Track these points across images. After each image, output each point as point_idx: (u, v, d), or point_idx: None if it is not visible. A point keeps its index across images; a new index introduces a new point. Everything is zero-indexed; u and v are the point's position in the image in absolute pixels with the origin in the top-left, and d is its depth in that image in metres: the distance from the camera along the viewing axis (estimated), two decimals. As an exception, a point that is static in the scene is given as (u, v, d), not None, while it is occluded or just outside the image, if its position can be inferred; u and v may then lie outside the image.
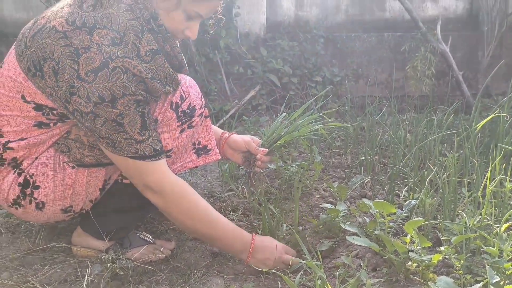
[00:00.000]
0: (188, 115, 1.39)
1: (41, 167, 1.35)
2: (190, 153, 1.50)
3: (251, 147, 1.64)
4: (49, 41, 1.23)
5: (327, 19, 4.01)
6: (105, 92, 1.20)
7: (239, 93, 3.50)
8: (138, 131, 1.25)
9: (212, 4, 1.38)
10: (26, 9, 3.80)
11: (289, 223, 1.67)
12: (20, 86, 1.30)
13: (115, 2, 1.27)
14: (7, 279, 1.37)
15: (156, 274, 1.39)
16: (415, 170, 1.87)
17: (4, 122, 1.33)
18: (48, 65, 1.23)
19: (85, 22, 1.23)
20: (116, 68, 1.20)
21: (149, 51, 1.27)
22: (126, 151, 1.26)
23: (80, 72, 1.20)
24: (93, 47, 1.21)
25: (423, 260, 1.20)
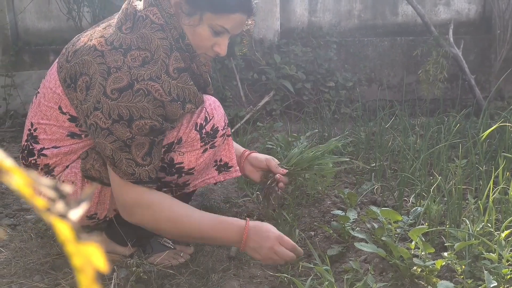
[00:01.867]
0: (211, 136, 1.46)
1: (71, 176, 1.45)
2: (212, 169, 1.56)
3: (271, 165, 1.66)
4: (87, 58, 1.33)
5: (340, 24, 4.08)
6: (124, 111, 1.29)
7: (254, 99, 3.59)
8: (142, 155, 1.33)
9: (234, 18, 1.39)
10: (48, 18, 3.93)
11: (301, 229, 1.76)
12: (58, 98, 1.41)
13: (148, 22, 1.35)
14: (39, 281, 1.48)
15: (176, 278, 1.49)
16: (424, 176, 1.94)
17: (41, 130, 1.45)
18: (82, 80, 1.33)
19: (122, 44, 1.33)
20: (139, 90, 1.29)
21: (176, 69, 1.35)
22: (124, 172, 1.33)
23: (106, 89, 1.30)
24: (124, 68, 1.30)
25: (427, 265, 1.27)
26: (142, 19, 1.36)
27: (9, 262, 1.58)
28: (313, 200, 2.01)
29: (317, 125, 3.01)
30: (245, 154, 1.72)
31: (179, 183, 1.48)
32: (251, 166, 1.70)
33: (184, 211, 1.38)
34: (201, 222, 1.37)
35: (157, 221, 1.37)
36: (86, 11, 3.49)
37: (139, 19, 1.36)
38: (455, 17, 4.07)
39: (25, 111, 3.52)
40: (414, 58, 3.89)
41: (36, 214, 1.94)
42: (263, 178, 1.67)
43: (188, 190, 1.53)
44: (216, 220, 1.39)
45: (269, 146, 2.50)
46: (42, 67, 3.78)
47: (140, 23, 1.36)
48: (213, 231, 1.37)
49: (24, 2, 3.77)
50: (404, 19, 4.12)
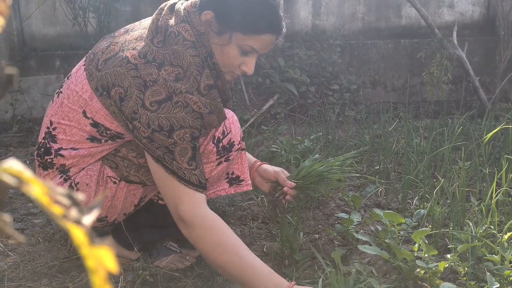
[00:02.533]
0: (227, 150, 1.47)
1: (86, 178, 1.47)
2: (223, 181, 1.57)
3: (280, 178, 1.64)
4: (120, 70, 1.35)
5: (344, 27, 4.09)
6: (165, 122, 1.31)
7: (258, 102, 3.61)
8: (187, 160, 1.34)
9: (263, 38, 1.38)
10: (53, 24, 3.97)
11: (306, 231, 1.77)
12: (84, 103, 1.42)
13: (180, 39, 1.36)
14: (47, 285, 1.50)
15: (182, 280, 1.50)
16: (428, 179, 1.95)
17: (60, 130, 1.46)
18: (115, 91, 1.35)
19: (155, 58, 1.34)
20: (178, 102, 1.31)
21: (206, 85, 1.36)
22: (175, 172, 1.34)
23: (145, 101, 1.31)
24: (160, 81, 1.31)
25: (430, 267, 1.28)
26: (174, 35, 1.37)
27: (17, 266, 1.61)
28: (317, 203, 2.02)
29: (321, 128, 3.02)
30: (255, 165, 1.72)
31: None
32: (260, 178, 1.70)
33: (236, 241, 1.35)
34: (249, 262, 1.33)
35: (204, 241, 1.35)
36: (92, 17, 3.53)
37: (171, 34, 1.37)
38: (459, 19, 4.08)
39: (32, 116, 3.55)
40: (418, 60, 3.89)
41: (43, 218, 1.97)
42: (272, 190, 1.67)
43: None
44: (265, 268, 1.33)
45: (273, 149, 2.52)
46: (48, 72, 3.82)
47: (172, 39, 1.37)
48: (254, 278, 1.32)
49: (30, 9, 3.81)
50: (408, 22, 4.13)
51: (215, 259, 1.35)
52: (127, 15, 3.59)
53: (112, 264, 0.24)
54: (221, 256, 1.33)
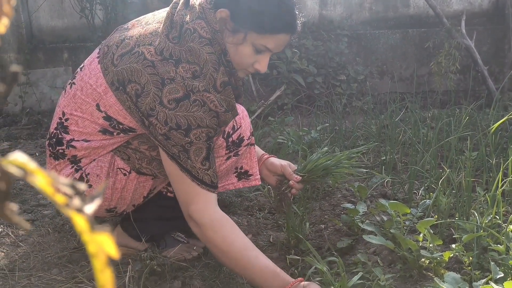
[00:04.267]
0: (237, 144, 1.48)
1: (96, 169, 1.49)
2: (232, 176, 1.58)
3: (286, 172, 1.64)
4: (137, 66, 1.35)
5: (351, 17, 4.07)
6: (182, 120, 1.32)
7: (265, 94, 3.61)
8: (201, 160, 1.35)
9: (278, 38, 1.37)
10: (61, 17, 3.99)
11: (312, 222, 1.78)
12: (98, 96, 1.43)
13: (196, 36, 1.36)
14: (57, 274, 1.53)
15: (189, 270, 1.52)
16: (434, 169, 1.95)
17: (73, 121, 1.48)
18: (131, 87, 1.35)
19: (172, 54, 1.35)
20: (196, 101, 1.32)
21: (222, 82, 1.36)
22: (189, 171, 1.35)
23: (163, 99, 1.32)
24: (178, 79, 1.32)
25: (435, 257, 1.29)
26: (190, 32, 1.37)
27: (28, 256, 1.63)
28: (324, 194, 2.03)
29: (328, 118, 3.02)
30: (263, 158, 1.73)
31: None
32: (267, 171, 1.70)
33: (243, 240, 1.37)
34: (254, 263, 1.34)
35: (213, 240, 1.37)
36: (99, 9, 3.54)
37: (187, 31, 1.37)
38: (468, 8, 4.04)
39: (41, 108, 3.58)
40: (426, 50, 3.87)
41: (53, 210, 2.00)
42: (278, 183, 1.68)
43: None
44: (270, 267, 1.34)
45: (280, 140, 2.53)
46: (57, 64, 3.85)
47: (188, 35, 1.37)
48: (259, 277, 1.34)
49: (38, 1, 3.83)
50: (416, 11, 4.10)
51: (222, 259, 1.38)
52: (134, 7, 3.59)
53: (112, 249, 0.25)
54: (228, 257, 1.36)
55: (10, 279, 1.50)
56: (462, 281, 1.13)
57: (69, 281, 1.48)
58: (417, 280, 1.32)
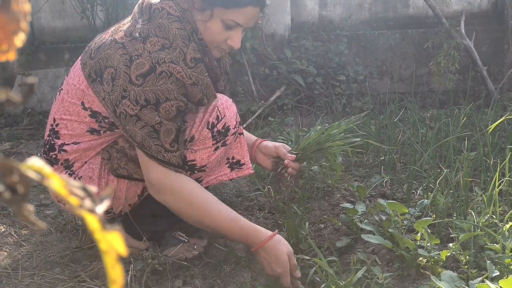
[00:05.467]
0: (223, 134, 1.50)
1: (88, 171, 1.52)
2: (224, 167, 1.60)
3: (280, 152, 1.67)
4: (110, 52, 1.39)
5: (351, 18, 4.09)
6: (150, 95, 1.35)
7: (265, 94, 3.63)
8: (170, 141, 1.38)
9: (246, 11, 1.40)
10: (62, 17, 4.01)
11: (311, 221, 1.80)
12: (81, 94, 1.47)
13: (165, 13, 1.40)
14: (60, 273, 1.55)
15: (190, 269, 1.54)
16: (433, 169, 1.97)
17: (63, 125, 1.51)
18: (107, 72, 1.39)
19: (140, 33, 1.39)
20: (162, 73, 1.34)
21: (193, 58, 1.39)
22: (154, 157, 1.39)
23: (131, 76, 1.35)
24: (145, 54, 1.35)
25: (432, 256, 1.31)
26: (158, 10, 1.40)
27: (31, 256, 1.65)
28: (323, 193, 2.05)
29: (328, 118, 3.04)
30: (256, 142, 1.74)
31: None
32: (262, 154, 1.72)
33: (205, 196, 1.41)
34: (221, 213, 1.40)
35: (179, 205, 1.42)
36: (100, 10, 3.56)
37: (155, 11, 1.41)
38: (467, 8, 4.06)
39: (42, 109, 3.60)
40: (426, 50, 3.89)
41: (55, 210, 2.02)
42: (274, 165, 1.69)
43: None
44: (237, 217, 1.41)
45: (280, 140, 2.54)
46: (58, 65, 3.87)
47: (156, 14, 1.40)
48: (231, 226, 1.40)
49: (39, 2, 3.85)
50: (415, 11, 4.12)
51: (188, 217, 1.43)
52: (134, 8, 3.61)
53: (121, 246, 0.27)
54: (193, 214, 1.40)
55: (13, 278, 1.52)
56: (459, 280, 1.15)
57: (71, 280, 1.50)
58: (415, 279, 1.34)
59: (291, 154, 1.66)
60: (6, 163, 0.24)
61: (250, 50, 3.61)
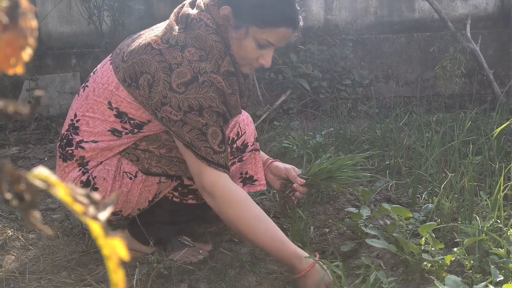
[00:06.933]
0: (241, 150, 1.53)
1: (103, 172, 1.52)
2: (237, 181, 1.61)
3: (290, 175, 1.68)
4: (145, 57, 1.40)
5: (356, 22, 4.09)
6: (194, 102, 1.36)
7: (271, 98, 3.64)
8: (218, 143, 1.40)
9: (279, 32, 1.42)
10: (69, 23, 4.05)
11: (316, 226, 1.81)
12: (109, 94, 1.48)
13: (202, 25, 1.42)
14: (66, 277, 1.56)
15: (196, 273, 1.55)
16: (438, 173, 1.97)
17: (84, 122, 1.52)
18: (144, 78, 1.40)
19: (177, 41, 1.40)
20: (204, 82, 1.37)
21: (227, 71, 1.42)
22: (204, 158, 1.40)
23: (172, 84, 1.37)
24: (184, 63, 1.37)
25: (436, 261, 1.31)
26: (196, 21, 1.43)
27: (37, 259, 1.67)
28: (328, 198, 2.05)
29: (333, 123, 3.05)
30: (267, 162, 1.76)
31: None
32: (272, 174, 1.74)
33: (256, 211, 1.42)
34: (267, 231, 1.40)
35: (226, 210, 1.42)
36: (106, 15, 3.59)
37: (193, 21, 1.43)
38: (473, 12, 4.05)
39: (49, 113, 3.63)
40: (431, 54, 3.89)
41: (62, 214, 2.03)
42: (282, 187, 1.71)
43: None
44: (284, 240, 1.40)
45: (285, 144, 2.55)
46: (65, 70, 3.90)
47: (194, 24, 1.43)
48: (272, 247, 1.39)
49: (46, 8, 3.88)
50: (421, 15, 4.12)
51: (237, 228, 1.43)
52: (141, 13, 3.64)
53: (123, 252, 0.28)
54: (242, 226, 1.40)
55: (20, 282, 1.53)
56: (463, 284, 1.15)
57: (78, 283, 1.52)
58: (419, 283, 1.34)
59: (300, 178, 1.67)
60: (14, 172, 0.25)
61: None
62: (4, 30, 0.26)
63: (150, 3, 3.87)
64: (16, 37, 0.25)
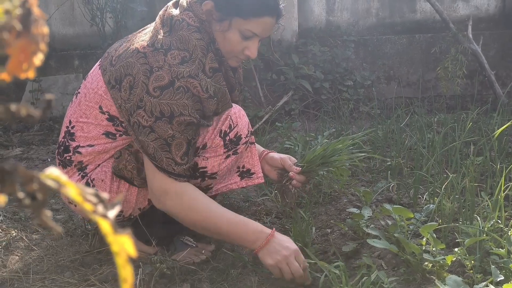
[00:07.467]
0: (234, 143, 1.54)
1: (101, 174, 1.54)
2: (234, 175, 1.63)
3: (286, 164, 1.68)
4: (131, 60, 1.43)
5: (358, 23, 4.10)
6: (166, 108, 1.38)
7: (273, 99, 3.66)
8: (180, 155, 1.42)
9: (262, 21, 1.43)
10: (72, 24, 4.07)
11: (318, 226, 1.81)
12: (99, 98, 1.50)
13: (185, 25, 1.44)
14: (70, 277, 1.57)
15: (198, 273, 1.56)
16: (440, 174, 1.98)
17: (79, 127, 1.55)
18: (127, 80, 1.42)
19: (162, 45, 1.42)
20: (180, 88, 1.38)
21: (211, 68, 1.43)
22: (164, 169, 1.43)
23: (149, 87, 1.38)
24: (165, 67, 1.39)
25: (437, 261, 1.32)
26: (179, 22, 1.44)
27: (41, 260, 1.68)
28: (329, 198, 2.06)
29: (335, 123, 3.06)
30: (263, 154, 1.77)
31: (202, 186, 1.56)
32: (268, 166, 1.74)
33: (207, 202, 1.44)
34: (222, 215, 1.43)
35: (181, 210, 1.45)
36: (109, 17, 3.60)
37: (176, 22, 1.45)
38: (474, 13, 4.06)
39: (52, 115, 3.65)
40: (433, 55, 3.89)
41: (65, 214, 2.05)
42: (279, 177, 1.71)
43: (211, 193, 1.60)
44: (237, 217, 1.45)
45: (287, 145, 2.56)
46: (68, 71, 3.92)
47: (177, 26, 1.44)
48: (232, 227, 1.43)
49: (49, 9, 3.90)
50: (423, 16, 4.13)
51: (191, 221, 1.45)
52: (143, 15, 3.66)
53: (131, 248, 0.30)
54: (195, 217, 1.43)
55: (24, 282, 1.54)
56: (464, 284, 1.16)
57: (81, 283, 1.53)
58: (420, 283, 1.35)
59: (296, 166, 1.68)
60: (26, 172, 0.26)
61: (258, 56, 3.64)
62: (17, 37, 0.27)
63: (153, 4, 3.89)
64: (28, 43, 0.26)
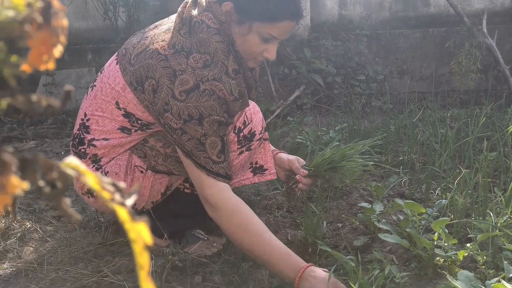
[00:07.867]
0: (248, 139, 1.54)
1: (115, 167, 1.56)
2: (247, 171, 1.63)
3: (293, 166, 1.68)
4: (151, 62, 1.42)
5: (371, 17, 4.07)
6: (194, 110, 1.37)
7: (284, 93, 3.65)
8: (216, 153, 1.41)
9: (282, 25, 1.41)
10: (85, 18, 4.09)
11: (329, 220, 1.82)
12: (116, 94, 1.50)
13: (204, 27, 1.42)
14: (83, 269, 1.60)
15: (209, 266, 1.57)
16: (452, 169, 1.96)
17: (94, 121, 1.55)
18: (149, 83, 1.42)
19: (183, 47, 1.41)
20: (205, 91, 1.37)
21: (233, 70, 1.42)
22: (203, 167, 1.41)
23: (175, 91, 1.38)
24: (188, 70, 1.38)
25: (449, 256, 1.32)
26: (198, 24, 1.43)
27: (55, 251, 1.71)
28: (341, 193, 2.06)
29: (347, 118, 3.04)
30: (272, 153, 1.76)
31: None
32: (277, 166, 1.74)
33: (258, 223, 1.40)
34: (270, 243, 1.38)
35: (228, 223, 1.42)
36: (122, 11, 3.62)
37: (195, 24, 1.43)
38: (489, 6, 4.01)
39: (66, 108, 3.68)
40: (447, 50, 3.85)
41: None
42: (286, 178, 1.71)
43: None
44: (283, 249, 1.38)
45: (299, 140, 2.56)
46: (81, 65, 3.95)
47: (196, 27, 1.43)
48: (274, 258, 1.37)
49: (63, 3, 3.93)
50: (436, 10, 4.08)
51: (238, 239, 1.42)
52: (156, 9, 3.67)
53: (147, 236, 0.30)
54: (243, 236, 1.40)
55: (39, 273, 1.57)
56: (475, 279, 1.15)
57: (94, 275, 1.55)
58: (432, 278, 1.35)
59: (304, 169, 1.67)
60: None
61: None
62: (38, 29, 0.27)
63: (165, -2, 3.89)
64: (49, 36, 0.27)
